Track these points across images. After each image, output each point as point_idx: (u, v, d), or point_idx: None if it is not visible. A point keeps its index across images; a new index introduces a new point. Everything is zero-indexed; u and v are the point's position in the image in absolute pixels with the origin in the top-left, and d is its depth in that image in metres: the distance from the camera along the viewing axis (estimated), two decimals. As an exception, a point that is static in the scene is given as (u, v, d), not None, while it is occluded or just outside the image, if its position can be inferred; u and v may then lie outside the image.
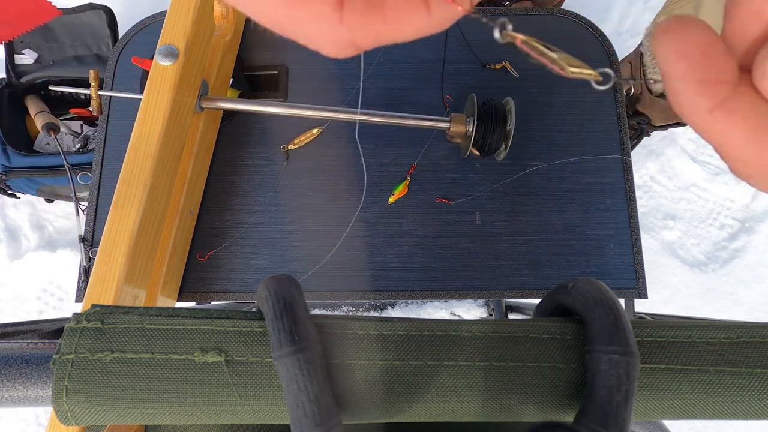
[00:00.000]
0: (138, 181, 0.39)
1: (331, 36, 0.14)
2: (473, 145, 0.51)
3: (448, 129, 0.51)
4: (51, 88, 0.64)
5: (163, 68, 0.42)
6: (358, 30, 0.14)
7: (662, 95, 0.95)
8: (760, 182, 0.16)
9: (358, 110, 0.49)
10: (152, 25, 0.61)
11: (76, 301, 0.52)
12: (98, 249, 0.38)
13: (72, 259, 1.30)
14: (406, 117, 0.50)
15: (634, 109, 1.03)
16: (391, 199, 0.55)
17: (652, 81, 0.90)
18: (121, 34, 0.92)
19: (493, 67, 0.59)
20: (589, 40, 0.60)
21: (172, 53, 0.42)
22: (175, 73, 0.42)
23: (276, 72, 0.59)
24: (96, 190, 0.55)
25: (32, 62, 1.09)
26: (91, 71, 0.47)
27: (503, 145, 0.50)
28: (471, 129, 0.50)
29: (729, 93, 0.14)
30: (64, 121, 1.15)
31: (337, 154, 0.57)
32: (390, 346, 0.20)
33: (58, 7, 0.43)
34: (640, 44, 0.97)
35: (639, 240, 0.54)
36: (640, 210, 1.29)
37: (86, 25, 1.09)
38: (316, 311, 0.98)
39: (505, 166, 0.56)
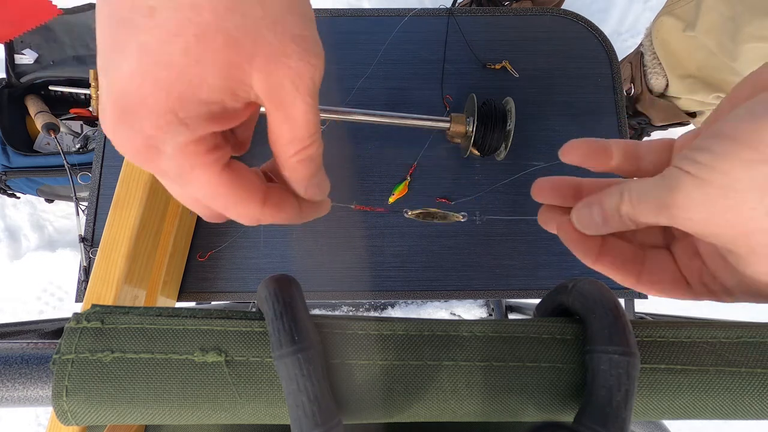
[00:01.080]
0: (138, 181, 0.39)
1: (251, 219, 0.22)
2: (473, 145, 0.51)
3: (448, 129, 0.51)
4: (51, 88, 0.64)
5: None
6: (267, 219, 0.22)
7: (662, 95, 0.95)
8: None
9: (358, 110, 0.49)
10: (152, 25, 0.61)
11: (76, 301, 0.52)
12: (98, 249, 0.38)
13: (72, 259, 1.30)
14: (406, 117, 0.50)
15: (634, 109, 1.03)
16: (391, 199, 0.55)
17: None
18: (121, 34, 0.92)
19: (493, 67, 0.59)
20: (589, 40, 0.60)
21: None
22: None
23: (276, 72, 0.59)
24: (96, 190, 0.55)
25: (32, 62, 1.09)
26: (91, 71, 0.47)
27: (503, 145, 0.50)
28: (471, 129, 0.50)
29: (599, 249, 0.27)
30: (64, 121, 1.15)
31: (337, 154, 0.57)
32: (390, 346, 0.20)
33: (58, 7, 0.43)
34: (640, 44, 0.97)
35: (639, 240, 0.54)
36: (640, 210, 1.28)
37: (86, 25, 1.09)
38: (316, 311, 0.98)
39: (505, 166, 0.56)
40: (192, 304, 0.71)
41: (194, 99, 0.18)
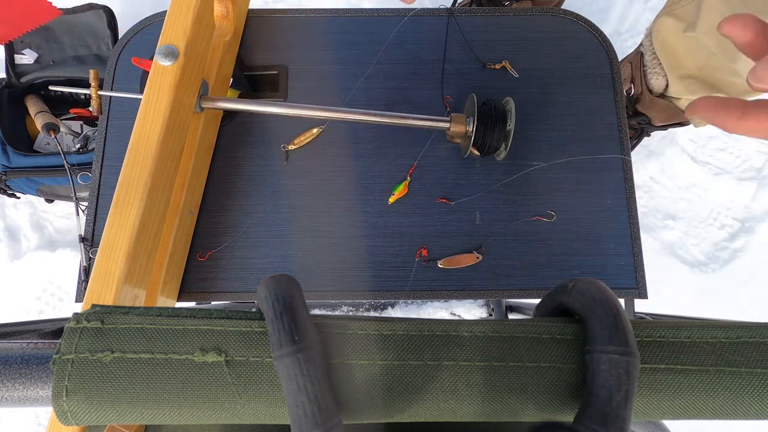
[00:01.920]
0: (138, 181, 0.39)
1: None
2: (473, 145, 0.51)
3: (448, 129, 0.51)
4: (51, 87, 0.64)
5: (163, 68, 0.42)
6: None
7: (662, 95, 0.95)
8: None
9: (358, 110, 0.49)
10: (152, 25, 0.61)
11: (76, 301, 0.52)
12: (98, 249, 0.38)
13: (72, 259, 1.30)
14: (406, 117, 0.50)
15: (634, 109, 1.03)
16: (391, 199, 0.55)
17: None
18: (121, 34, 0.92)
19: (493, 67, 0.59)
20: (589, 40, 0.60)
21: (172, 53, 0.42)
22: (175, 74, 0.42)
23: (276, 72, 0.59)
24: (96, 190, 0.55)
25: (32, 62, 1.09)
26: (91, 71, 0.47)
27: (503, 145, 0.50)
28: (471, 129, 0.50)
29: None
30: (64, 121, 1.15)
31: (337, 154, 0.57)
32: (390, 346, 0.20)
33: (58, 7, 0.43)
34: (640, 44, 0.97)
35: (639, 240, 0.54)
36: (640, 210, 1.29)
37: (86, 25, 1.09)
38: (316, 311, 0.98)
39: (505, 166, 0.56)
40: (192, 304, 0.71)
41: None
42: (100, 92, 0.48)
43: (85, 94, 0.48)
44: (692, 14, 0.78)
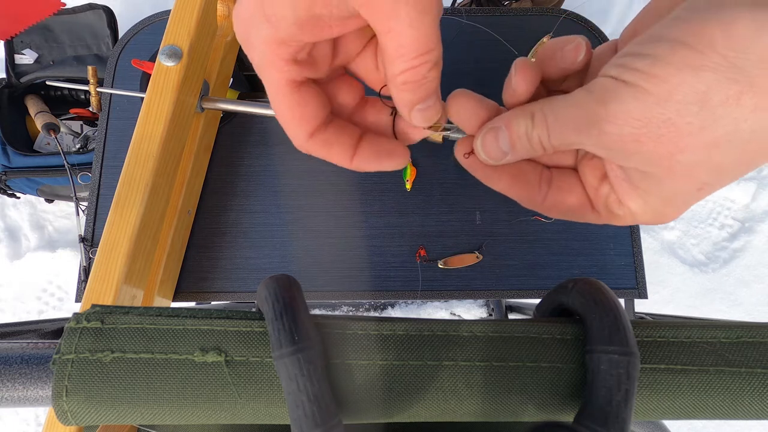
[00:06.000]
0: (139, 181, 0.39)
1: (297, 145, 0.23)
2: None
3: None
4: (49, 83, 0.64)
5: (166, 69, 0.42)
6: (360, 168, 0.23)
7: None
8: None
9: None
10: (152, 25, 0.61)
11: (76, 301, 0.52)
12: (98, 249, 0.38)
13: (72, 259, 1.30)
14: (406, 117, 0.50)
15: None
16: (408, 185, 0.55)
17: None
18: (121, 34, 0.92)
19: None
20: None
21: (175, 54, 0.42)
22: (179, 74, 0.42)
23: (276, 72, 0.59)
24: (96, 190, 0.55)
25: (32, 62, 1.09)
26: (90, 68, 0.47)
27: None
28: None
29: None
30: (64, 121, 1.15)
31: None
32: (390, 346, 0.20)
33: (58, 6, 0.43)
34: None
35: (639, 240, 0.54)
36: (640, 210, 1.28)
37: (86, 25, 1.09)
38: (316, 311, 0.98)
39: (505, 166, 0.56)
40: (192, 304, 0.71)
41: None
42: (99, 89, 0.48)
43: (85, 92, 0.48)
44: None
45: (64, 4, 0.43)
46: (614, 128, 0.18)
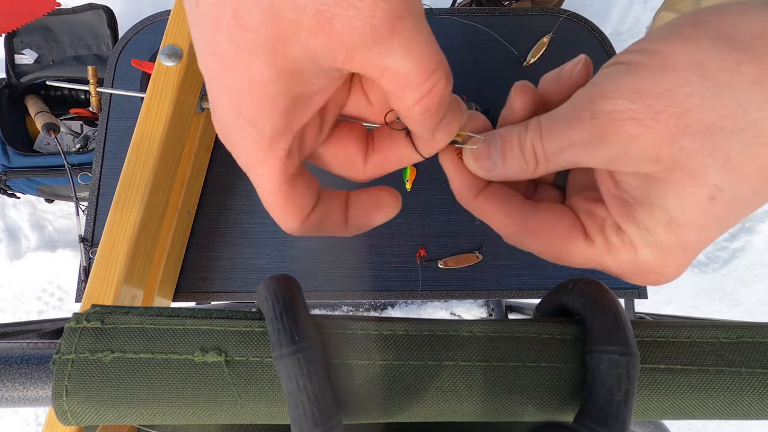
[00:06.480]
0: (139, 181, 0.39)
1: (289, 231, 0.21)
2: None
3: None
4: (49, 83, 0.64)
5: (166, 69, 0.42)
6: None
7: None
8: (525, 246, 0.22)
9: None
10: (152, 25, 0.61)
11: (76, 301, 0.52)
12: (98, 249, 0.38)
13: (72, 259, 1.30)
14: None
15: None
16: (408, 185, 0.55)
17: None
18: (121, 34, 0.92)
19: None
20: (589, 40, 0.60)
21: (175, 54, 0.42)
22: (179, 74, 0.42)
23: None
24: (96, 190, 0.55)
25: (32, 62, 1.09)
26: (90, 68, 0.47)
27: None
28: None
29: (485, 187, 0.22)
30: (64, 121, 1.15)
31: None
32: (390, 346, 0.20)
33: (58, 7, 0.43)
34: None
35: (639, 240, 0.54)
36: (640, 210, 1.28)
37: (86, 25, 1.09)
38: (316, 311, 0.98)
39: (505, 166, 0.56)
40: (192, 304, 0.71)
41: (255, 96, 0.16)
42: (99, 89, 0.48)
43: (85, 93, 0.48)
44: (691, 9, 0.78)
45: (59, 4, 0.43)
46: (609, 104, 0.17)
